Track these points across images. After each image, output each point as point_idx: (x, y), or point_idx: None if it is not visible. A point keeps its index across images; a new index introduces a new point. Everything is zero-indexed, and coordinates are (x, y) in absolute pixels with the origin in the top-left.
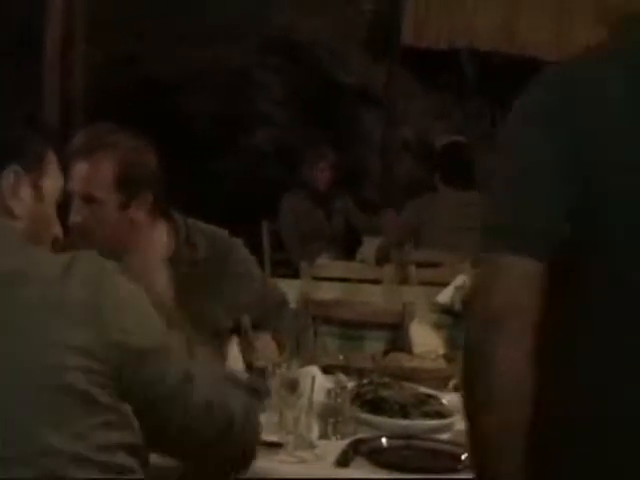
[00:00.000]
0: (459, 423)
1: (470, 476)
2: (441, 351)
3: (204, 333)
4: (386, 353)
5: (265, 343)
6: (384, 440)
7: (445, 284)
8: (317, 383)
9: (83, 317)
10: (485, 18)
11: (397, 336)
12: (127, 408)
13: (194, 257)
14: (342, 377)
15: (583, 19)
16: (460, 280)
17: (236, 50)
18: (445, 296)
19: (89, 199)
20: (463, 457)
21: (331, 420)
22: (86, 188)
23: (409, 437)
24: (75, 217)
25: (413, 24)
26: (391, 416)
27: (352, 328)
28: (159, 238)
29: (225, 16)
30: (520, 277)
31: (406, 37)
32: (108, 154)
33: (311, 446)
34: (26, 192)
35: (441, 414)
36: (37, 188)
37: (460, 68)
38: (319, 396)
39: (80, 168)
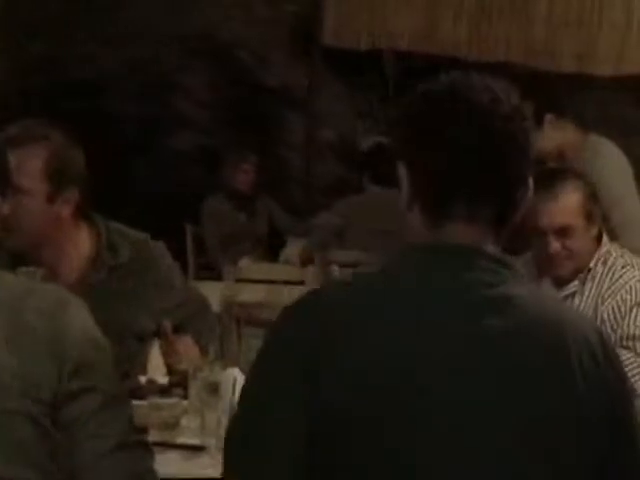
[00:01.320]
0: None
1: None
2: None
3: (127, 338)
4: None
5: (187, 346)
6: None
7: None
8: (238, 385)
9: (35, 348)
10: (405, 18)
11: None
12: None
13: (115, 261)
14: None
15: (500, 19)
16: None
17: (156, 52)
18: None
19: (17, 189)
20: None
21: None
22: (15, 178)
23: None
24: (2, 208)
25: (333, 25)
26: None
27: None
28: (82, 241)
29: (145, 17)
30: None
31: (327, 38)
32: (39, 145)
33: None
34: None
35: None
36: None
37: (382, 68)
38: None
39: (10, 158)
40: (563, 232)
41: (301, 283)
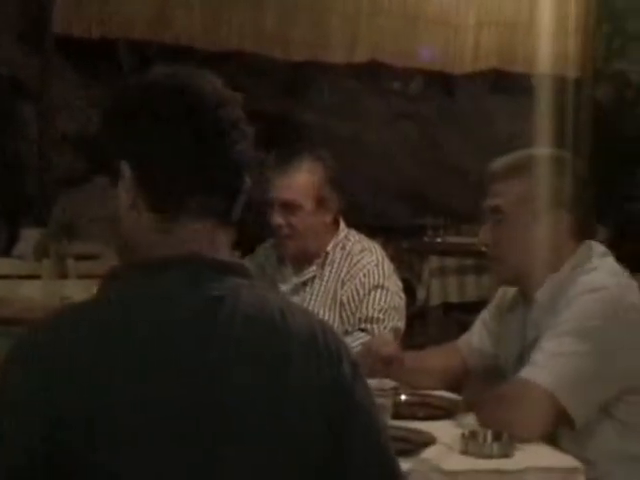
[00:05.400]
0: None
1: None
2: None
3: None
4: None
5: None
6: None
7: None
8: None
9: None
10: (137, 7)
11: None
12: None
13: None
14: None
15: (232, 7)
16: None
17: None
18: None
19: None
20: None
21: None
22: None
23: None
24: None
25: (64, 12)
26: None
27: (12, 326)
28: None
29: None
30: None
31: (57, 26)
32: None
33: None
34: None
35: None
36: None
37: (117, 57)
38: None
39: None
40: (289, 208)
41: (37, 277)
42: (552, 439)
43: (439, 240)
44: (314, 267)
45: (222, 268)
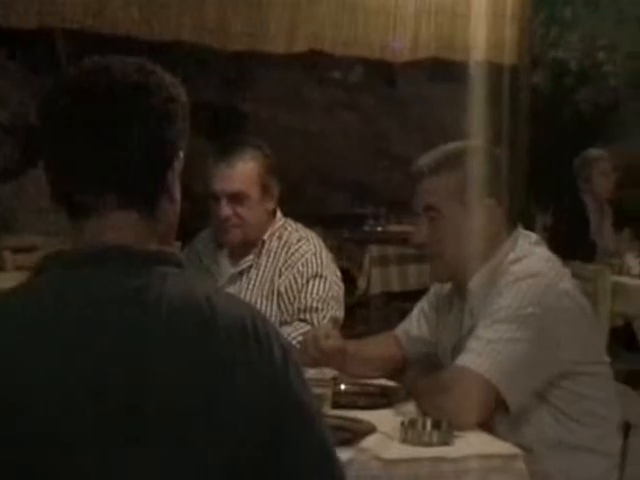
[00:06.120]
0: None
1: None
2: None
3: None
4: None
5: None
6: None
7: None
8: None
9: None
10: None
11: None
12: None
13: None
14: None
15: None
16: None
17: None
18: None
19: None
20: None
21: None
22: None
23: None
24: None
25: (0, 2)
26: None
27: None
28: None
29: None
30: None
31: None
32: None
33: None
34: None
35: None
36: None
37: (56, 48)
38: None
39: None
40: (236, 198)
41: None
42: (489, 426)
43: (380, 229)
44: (251, 256)
45: (149, 257)
